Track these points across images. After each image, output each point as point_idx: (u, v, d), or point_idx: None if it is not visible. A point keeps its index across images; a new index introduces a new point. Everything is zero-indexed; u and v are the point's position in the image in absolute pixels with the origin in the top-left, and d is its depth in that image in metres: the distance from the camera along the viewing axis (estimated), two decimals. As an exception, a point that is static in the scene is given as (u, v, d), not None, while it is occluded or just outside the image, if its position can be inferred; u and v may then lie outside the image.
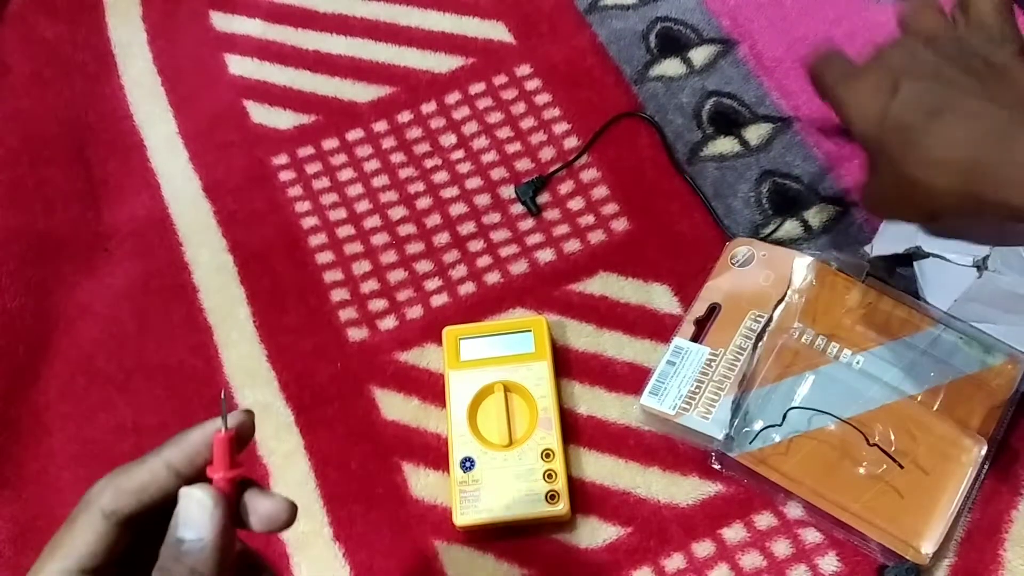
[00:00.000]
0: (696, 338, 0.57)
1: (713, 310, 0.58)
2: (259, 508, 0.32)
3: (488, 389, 0.55)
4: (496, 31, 0.73)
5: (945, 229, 0.42)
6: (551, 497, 0.52)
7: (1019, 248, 0.49)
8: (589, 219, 0.63)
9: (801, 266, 0.57)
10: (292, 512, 0.32)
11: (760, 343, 0.55)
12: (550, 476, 0.52)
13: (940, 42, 0.40)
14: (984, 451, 0.51)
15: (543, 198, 0.64)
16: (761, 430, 0.53)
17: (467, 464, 0.53)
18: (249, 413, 0.33)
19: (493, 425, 0.54)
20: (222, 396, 0.33)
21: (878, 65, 0.41)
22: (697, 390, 0.54)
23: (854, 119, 0.40)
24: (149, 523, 0.31)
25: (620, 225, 0.63)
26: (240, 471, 0.32)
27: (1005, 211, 0.35)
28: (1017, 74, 0.38)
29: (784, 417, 0.53)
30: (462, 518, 0.52)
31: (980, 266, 0.48)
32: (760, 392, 0.54)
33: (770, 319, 0.56)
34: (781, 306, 0.56)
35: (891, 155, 0.38)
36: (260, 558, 0.35)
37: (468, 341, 0.57)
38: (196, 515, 0.30)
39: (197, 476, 0.32)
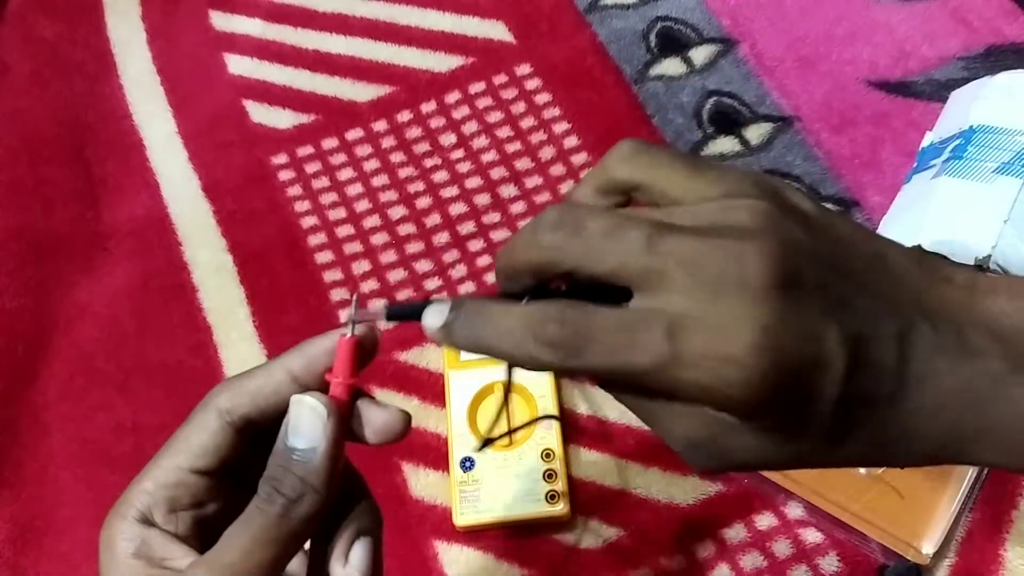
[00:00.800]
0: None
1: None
2: (374, 419, 0.30)
3: (488, 389, 0.55)
4: (496, 31, 0.73)
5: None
6: (551, 497, 0.52)
7: (1021, 247, 0.49)
8: (589, 219, 0.63)
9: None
10: (407, 423, 0.31)
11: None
12: (550, 476, 0.52)
13: (811, 233, 0.26)
14: (985, 451, 0.50)
15: (543, 197, 0.64)
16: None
17: (467, 464, 0.53)
18: (374, 331, 0.31)
19: (493, 425, 0.54)
20: (353, 299, 0.31)
21: (727, 259, 0.24)
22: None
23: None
24: (261, 431, 0.30)
25: (620, 225, 0.63)
26: (358, 380, 0.30)
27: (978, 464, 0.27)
28: (942, 292, 0.27)
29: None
30: (462, 518, 0.52)
31: (982, 265, 0.48)
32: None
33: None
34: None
35: (832, 435, 0.25)
36: (362, 481, 0.33)
37: None
38: (308, 423, 0.28)
39: (315, 385, 0.30)
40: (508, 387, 0.33)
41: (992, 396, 0.26)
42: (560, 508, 0.52)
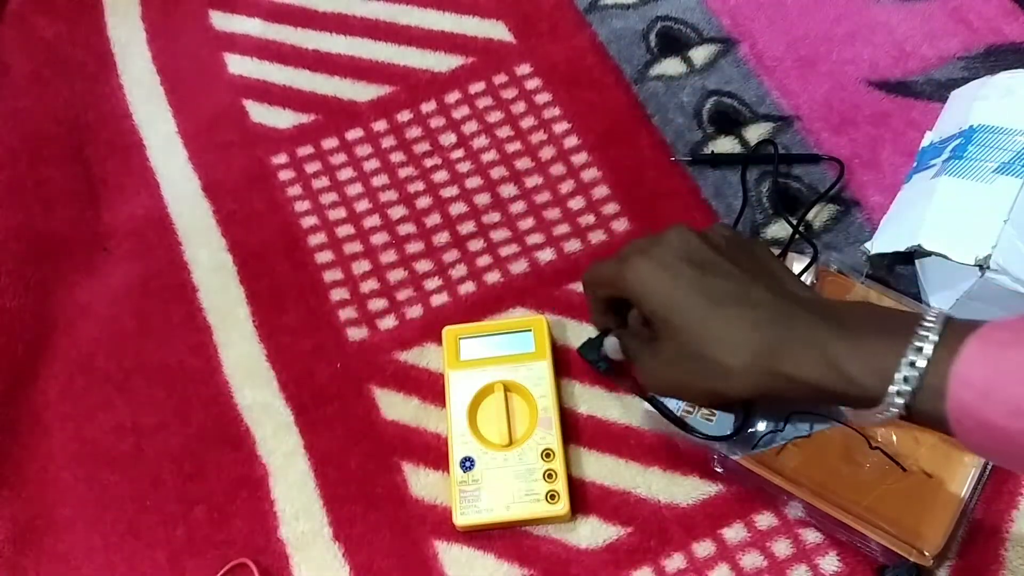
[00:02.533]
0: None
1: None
2: None
3: (488, 389, 0.55)
4: (496, 30, 0.73)
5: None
6: (551, 497, 0.52)
7: (1021, 247, 0.49)
8: (589, 219, 0.63)
9: (799, 268, 0.57)
10: None
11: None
12: (550, 476, 0.52)
13: (710, 235, 0.44)
14: (985, 451, 0.50)
15: (543, 196, 0.64)
16: (765, 433, 0.52)
17: (467, 464, 0.53)
18: None
19: (493, 425, 0.54)
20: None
21: (661, 248, 0.43)
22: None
23: (645, 296, 0.42)
24: None
25: (620, 225, 0.63)
26: None
27: (800, 387, 0.38)
28: (776, 268, 0.43)
29: (786, 421, 0.52)
30: (462, 518, 0.52)
31: (982, 265, 0.48)
32: (761, 392, 0.54)
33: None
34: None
35: (684, 335, 0.41)
36: None
37: (468, 341, 0.57)
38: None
39: None
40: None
41: (796, 324, 0.39)
42: (560, 508, 0.52)
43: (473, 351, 0.57)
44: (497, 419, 0.54)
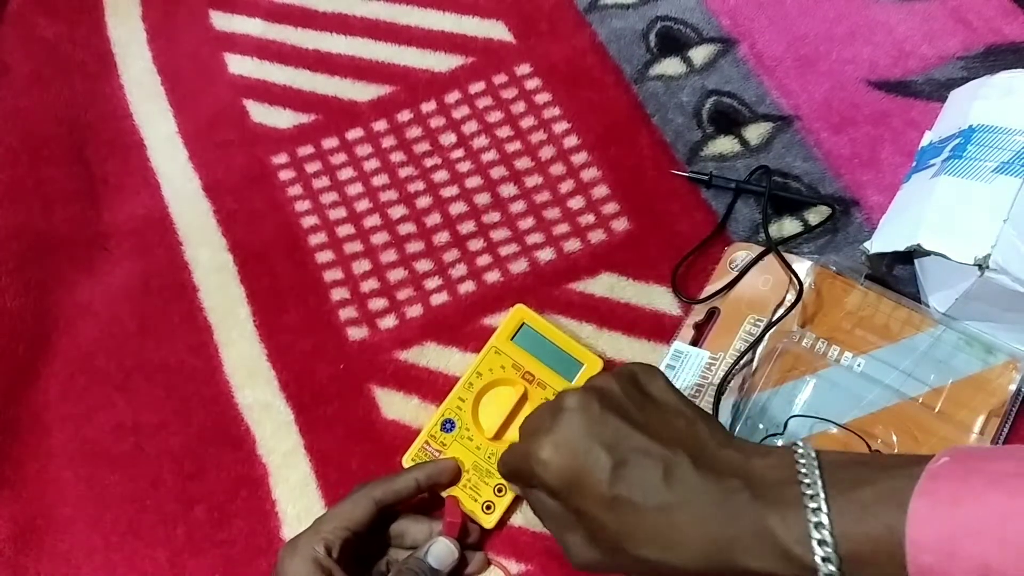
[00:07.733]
0: (696, 342, 0.56)
1: (712, 314, 0.57)
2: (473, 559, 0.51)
3: (510, 380, 0.55)
4: (496, 30, 0.73)
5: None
6: (487, 507, 0.52)
7: (1021, 247, 0.49)
8: (589, 219, 0.63)
9: (800, 270, 0.57)
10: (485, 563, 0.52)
11: (760, 347, 0.55)
12: (500, 490, 0.52)
13: (608, 390, 0.42)
14: (984, 451, 0.50)
15: (542, 196, 0.64)
16: (764, 437, 0.52)
17: (447, 426, 0.54)
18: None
19: (491, 412, 0.54)
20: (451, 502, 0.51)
21: (563, 423, 0.41)
22: (697, 394, 0.54)
23: (566, 494, 0.40)
24: (384, 515, 0.49)
25: (620, 225, 0.63)
26: (461, 523, 0.50)
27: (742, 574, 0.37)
28: (684, 416, 0.41)
29: (786, 425, 0.53)
30: (410, 462, 0.53)
31: (982, 265, 0.48)
32: (761, 396, 0.54)
33: (770, 323, 0.56)
34: (780, 310, 0.56)
35: (616, 535, 0.39)
36: None
37: (529, 330, 0.57)
38: (446, 557, 0.48)
39: (428, 490, 0.51)
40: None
41: (740, 513, 0.36)
42: (488, 519, 0.52)
43: (526, 341, 0.56)
44: (498, 410, 0.54)
